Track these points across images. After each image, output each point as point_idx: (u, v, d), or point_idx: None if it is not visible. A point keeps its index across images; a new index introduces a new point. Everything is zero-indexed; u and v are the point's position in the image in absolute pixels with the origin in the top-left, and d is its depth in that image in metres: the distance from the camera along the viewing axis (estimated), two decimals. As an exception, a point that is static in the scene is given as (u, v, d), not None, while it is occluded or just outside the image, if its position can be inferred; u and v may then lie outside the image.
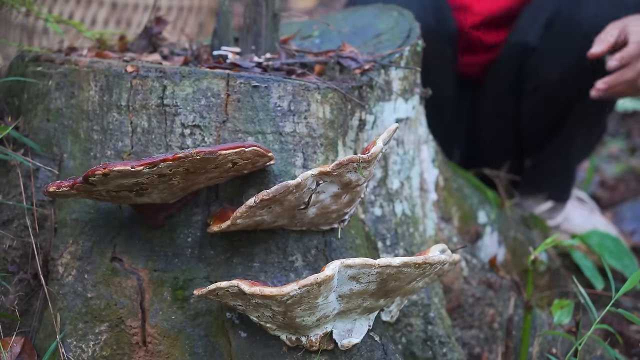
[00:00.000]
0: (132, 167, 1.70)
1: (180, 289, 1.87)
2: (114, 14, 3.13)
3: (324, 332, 1.82)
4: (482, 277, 2.32)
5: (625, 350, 2.43)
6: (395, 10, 2.36)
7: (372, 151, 1.80)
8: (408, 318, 2.10)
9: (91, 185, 1.74)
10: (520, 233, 2.51)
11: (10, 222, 2.00)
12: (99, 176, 1.71)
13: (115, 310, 1.87)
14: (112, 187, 1.76)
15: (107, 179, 1.72)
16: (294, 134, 1.90)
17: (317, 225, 1.89)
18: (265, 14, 2.18)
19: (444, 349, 2.10)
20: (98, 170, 1.70)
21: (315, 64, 2.11)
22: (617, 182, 3.86)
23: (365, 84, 2.05)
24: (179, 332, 1.86)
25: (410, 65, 2.15)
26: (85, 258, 1.89)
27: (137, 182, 1.74)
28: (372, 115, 2.08)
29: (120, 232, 1.90)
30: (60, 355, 1.84)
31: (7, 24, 3.06)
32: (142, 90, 1.89)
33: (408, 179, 2.17)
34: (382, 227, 2.10)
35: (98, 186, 1.75)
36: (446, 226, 2.31)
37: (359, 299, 1.79)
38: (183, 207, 1.89)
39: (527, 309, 2.19)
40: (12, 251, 1.98)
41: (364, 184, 1.85)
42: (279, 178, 1.88)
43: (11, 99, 2.07)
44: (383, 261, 1.74)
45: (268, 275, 1.87)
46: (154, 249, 1.89)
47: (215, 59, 2.14)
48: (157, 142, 1.89)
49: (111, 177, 1.71)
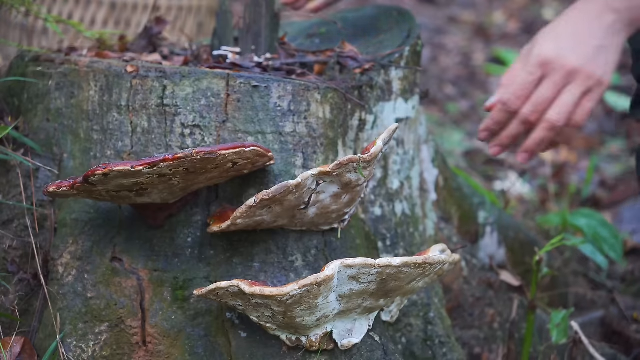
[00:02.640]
0: (132, 167, 1.70)
1: (180, 289, 1.87)
2: (113, 14, 3.13)
3: (324, 332, 1.82)
4: (482, 277, 2.32)
5: (625, 350, 2.43)
6: (395, 10, 2.36)
7: (372, 151, 1.80)
8: (408, 318, 2.10)
9: (91, 185, 1.74)
10: (520, 233, 2.51)
11: (10, 222, 2.00)
12: (99, 176, 1.71)
13: (115, 310, 1.87)
14: (112, 187, 1.76)
15: (107, 179, 1.72)
16: (294, 134, 1.90)
17: (317, 225, 1.89)
18: (265, 14, 2.18)
19: (444, 349, 2.10)
20: (98, 170, 1.70)
21: (315, 63, 2.11)
22: (617, 182, 3.86)
23: (365, 84, 2.05)
24: (179, 332, 1.86)
25: (410, 65, 2.15)
26: (85, 258, 1.89)
27: (137, 182, 1.74)
28: (372, 115, 2.08)
29: (120, 232, 1.90)
30: (60, 355, 1.84)
31: (7, 24, 3.06)
32: (142, 90, 1.89)
33: (408, 179, 2.17)
34: (382, 227, 2.10)
35: (98, 186, 1.75)
36: (446, 226, 2.31)
37: (359, 299, 1.79)
38: (183, 207, 1.89)
39: (530, 309, 2.19)
40: (12, 251, 1.98)
41: (364, 184, 1.85)
42: (279, 178, 1.88)
43: (11, 99, 2.07)
44: (383, 261, 1.74)
45: (268, 275, 1.87)
46: (154, 249, 1.89)
47: (215, 59, 2.14)
48: (157, 142, 1.89)
49: (111, 177, 1.71)
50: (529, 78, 1.78)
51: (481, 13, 6.39)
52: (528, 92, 1.79)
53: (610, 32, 1.78)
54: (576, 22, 1.80)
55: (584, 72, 1.77)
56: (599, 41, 1.78)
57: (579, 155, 4.33)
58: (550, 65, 1.77)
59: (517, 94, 1.79)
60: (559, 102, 1.80)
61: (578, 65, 1.77)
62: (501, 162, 4.15)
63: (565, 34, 1.79)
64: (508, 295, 2.34)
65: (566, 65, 1.77)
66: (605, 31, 1.78)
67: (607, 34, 1.78)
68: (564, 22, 1.81)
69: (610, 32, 1.78)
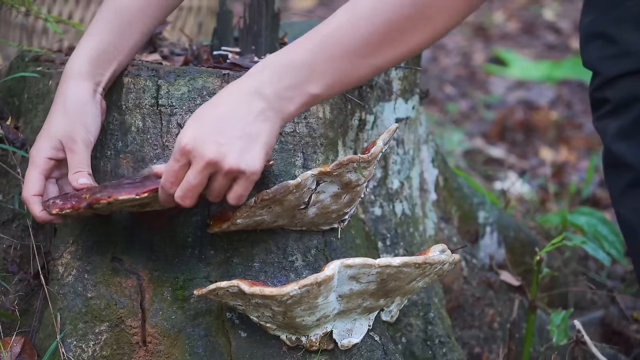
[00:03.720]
0: (137, 194, 1.71)
1: (180, 288, 1.87)
2: (113, 14, 3.12)
3: (324, 332, 1.82)
4: (482, 277, 2.32)
5: (625, 350, 2.43)
6: (395, 10, 2.36)
7: (372, 151, 1.80)
8: (408, 318, 2.10)
9: (94, 209, 1.75)
10: (520, 233, 2.51)
11: (10, 222, 2.00)
12: (104, 204, 1.72)
13: (116, 310, 1.87)
14: (115, 208, 1.78)
15: (110, 206, 1.73)
16: (294, 134, 1.90)
17: (317, 225, 1.89)
18: (265, 14, 2.18)
19: (444, 349, 2.10)
20: (102, 200, 1.71)
21: (315, 63, 2.11)
22: (617, 182, 3.86)
23: (365, 84, 2.05)
24: (179, 332, 1.86)
25: (410, 65, 2.15)
26: (86, 258, 1.89)
27: (140, 203, 1.75)
28: (372, 115, 2.08)
29: (121, 231, 1.90)
30: (60, 355, 1.84)
31: (7, 24, 3.06)
32: (135, 89, 1.89)
33: (408, 179, 2.17)
34: (382, 227, 2.10)
35: (100, 210, 1.76)
36: (446, 226, 2.31)
37: (359, 299, 1.79)
38: (183, 208, 1.89)
39: (530, 309, 2.19)
40: (12, 251, 1.98)
41: (364, 183, 1.85)
42: (279, 178, 1.87)
43: (11, 99, 2.07)
44: (383, 261, 1.74)
45: (268, 275, 1.87)
46: (154, 249, 1.89)
47: (215, 59, 2.13)
48: (152, 142, 1.88)
49: (115, 204, 1.72)
50: (176, 165, 1.67)
51: (481, 13, 6.39)
52: (178, 178, 1.68)
53: (260, 119, 1.65)
54: (223, 107, 1.67)
55: (224, 164, 1.64)
56: (242, 130, 1.64)
57: (579, 155, 4.34)
58: (191, 154, 1.65)
59: (169, 179, 1.69)
60: (209, 188, 1.69)
61: (214, 157, 1.64)
62: (501, 162, 4.15)
63: (210, 120, 1.67)
64: (508, 295, 2.34)
65: (205, 156, 1.64)
66: (253, 118, 1.65)
67: (254, 121, 1.65)
68: (210, 106, 1.69)
69: (260, 119, 1.65)
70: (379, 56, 1.67)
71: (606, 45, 1.92)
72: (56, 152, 1.82)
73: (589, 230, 2.56)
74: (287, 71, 1.65)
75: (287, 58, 1.66)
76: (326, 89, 1.67)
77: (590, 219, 2.60)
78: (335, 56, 1.65)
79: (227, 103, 1.67)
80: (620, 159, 1.91)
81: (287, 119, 1.68)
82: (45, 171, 1.81)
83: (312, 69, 1.65)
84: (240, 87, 1.68)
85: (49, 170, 1.82)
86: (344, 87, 1.70)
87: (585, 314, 2.51)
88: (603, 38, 1.93)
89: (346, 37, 1.65)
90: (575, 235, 2.43)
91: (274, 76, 1.65)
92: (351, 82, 1.69)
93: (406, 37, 1.66)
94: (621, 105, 1.90)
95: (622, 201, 1.94)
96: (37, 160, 1.81)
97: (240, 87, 1.68)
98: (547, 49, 5.93)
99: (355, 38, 1.65)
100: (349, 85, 1.70)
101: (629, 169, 1.90)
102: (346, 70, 1.66)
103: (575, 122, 4.73)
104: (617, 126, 1.90)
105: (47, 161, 1.81)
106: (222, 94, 1.70)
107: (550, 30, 6.23)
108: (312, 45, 1.66)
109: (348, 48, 1.65)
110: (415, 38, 1.67)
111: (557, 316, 2.15)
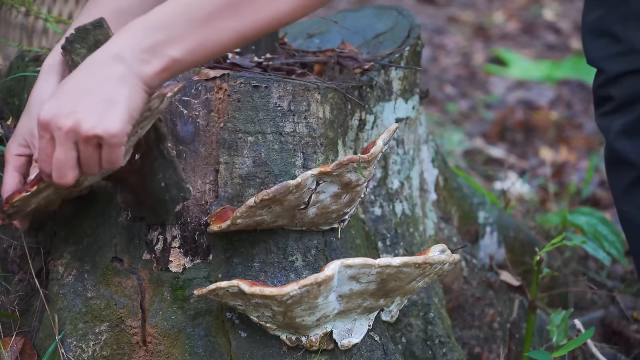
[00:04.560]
0: (27, 191, 1.71)
1: (180, 288, 1.87)
2: (113, 14, 3.12)
3: (324, 332, 1.82)
4: (482, 277, 2.32)
5: (625, 350, 2.43)
6: (395, 10, 2.36)
7: (372, 151, 1.80)
8: (408, 318, 2.10)
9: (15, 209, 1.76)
10: (520, 233, 2.51)
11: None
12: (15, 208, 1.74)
13: (115, 310, 1.87)
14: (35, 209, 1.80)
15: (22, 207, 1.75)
16: (294, 134, 1.90)
17: (317, 225, 1.89)
18: (265, 14, 2.17)
19: (444, 349, 2.10)
20: (4, 208, 1.73)
21: (315, 63, 2.11)
22: (617, 182, 3.86)
23: (365, 84, 2.05)
24: (179, 332, 1.86)
25: (410, 65, 2.15)
26: (86, 258, 1.89)
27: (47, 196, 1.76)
28: (372, 115, 2.08)
29: (120, 231, 1.90)
30: (60, 355, 1.84)
31: (6, 24, 3.05)
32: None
33: (408, 179, 2.17)
34: (382, 227, 2.10)
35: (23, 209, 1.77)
36: (446, 226, 2.31)
37: (359, 299, 1.79)
38: None
39: (531, 309, 2.19)
40: (12, 251, 1.98)
41: (364, 183, 1.85)
42: (279, 178, 1.88)
43: (11, 99, 2.07)
44: (383, 261, 1.74)
45: (268, 275, 1.87)
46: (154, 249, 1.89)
47: (215, 58, 2.13)
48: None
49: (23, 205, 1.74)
50: (42, 142, 1.62)
51: (481, 13, 6.39)
52: (49, 156, 1.63)
53: (119, 82, 1.59)
54: (81, 75, 1.63)
55: (81, 131, 1.58)
56: (99, 96, 1.59)
57: (579, 155, 4.34)
58: (50, 127, 1.60)
59: (42, 160, 1.64)
60: (80, 160, 1.63)
61: (71, 126, 1.58)
62: (501, 162, 4.15)
63: (69, 90, 1.62)
64: (508, 295, 2.34)
65: (62, 127, 1.59)
66: (113, 82, 1.59)
67: (114, 86, 1.59)
68: (70, 76, 1.64)
69: (119, 82, 1.59)
70: (238, 19, 1.64)
71: (610, 43, 1.92)
72: (23, 148, 1.79)
73: (589, 230, 2.56)
74: (146, 33, 1.62)
75: (147, 19, 1.64)
76: (188, 53, 1.63)
77: (590, 219, 2.60)
78: (195, 19, 1.63)
79: (87, 71, 1.63)
80: (623, 156, 1.91)
81: (148, 83, 1.62)
82: (17, 168, 1.79)
83: (171, 31, 1.62)
84: (102, 52, 1.64)
85: (21, 167, 1.79)
86: (208, 54, 1.66)
87: (585, 314, 2.51)
88: (607, 36, 1.93)
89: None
90: (575, 235, 2.43)
91: (133, 39, 1.62)
92: (214, 48, 1.66)
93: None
94: (625, 103, 1.90)
95: (625, 199, 1.94)
96: (8, 158, 1.80)
97: (102, 52, 1.64)
98: (547, 49, 5.93)
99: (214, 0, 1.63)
100: (213, 53, 1.66)
101: (632, 166, 1.90)
102: (208, 34, 1.64)
103: (575, 122, 4.73)
104: (621, 124, 1.91)
105: (16, 158, 1.79)
106: (85, 62, 1.65)
107: (550, 30, 6.22)
108: (172, 8, 1.64)
109: (207, 10, 1.63)
110: None
111: (557, 316, 2.15)
